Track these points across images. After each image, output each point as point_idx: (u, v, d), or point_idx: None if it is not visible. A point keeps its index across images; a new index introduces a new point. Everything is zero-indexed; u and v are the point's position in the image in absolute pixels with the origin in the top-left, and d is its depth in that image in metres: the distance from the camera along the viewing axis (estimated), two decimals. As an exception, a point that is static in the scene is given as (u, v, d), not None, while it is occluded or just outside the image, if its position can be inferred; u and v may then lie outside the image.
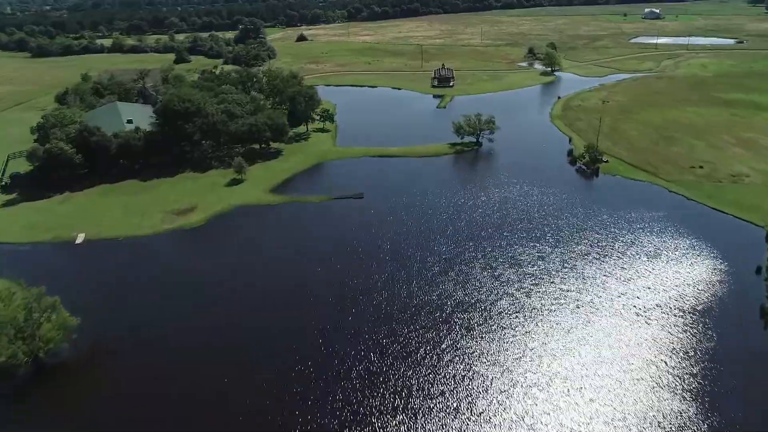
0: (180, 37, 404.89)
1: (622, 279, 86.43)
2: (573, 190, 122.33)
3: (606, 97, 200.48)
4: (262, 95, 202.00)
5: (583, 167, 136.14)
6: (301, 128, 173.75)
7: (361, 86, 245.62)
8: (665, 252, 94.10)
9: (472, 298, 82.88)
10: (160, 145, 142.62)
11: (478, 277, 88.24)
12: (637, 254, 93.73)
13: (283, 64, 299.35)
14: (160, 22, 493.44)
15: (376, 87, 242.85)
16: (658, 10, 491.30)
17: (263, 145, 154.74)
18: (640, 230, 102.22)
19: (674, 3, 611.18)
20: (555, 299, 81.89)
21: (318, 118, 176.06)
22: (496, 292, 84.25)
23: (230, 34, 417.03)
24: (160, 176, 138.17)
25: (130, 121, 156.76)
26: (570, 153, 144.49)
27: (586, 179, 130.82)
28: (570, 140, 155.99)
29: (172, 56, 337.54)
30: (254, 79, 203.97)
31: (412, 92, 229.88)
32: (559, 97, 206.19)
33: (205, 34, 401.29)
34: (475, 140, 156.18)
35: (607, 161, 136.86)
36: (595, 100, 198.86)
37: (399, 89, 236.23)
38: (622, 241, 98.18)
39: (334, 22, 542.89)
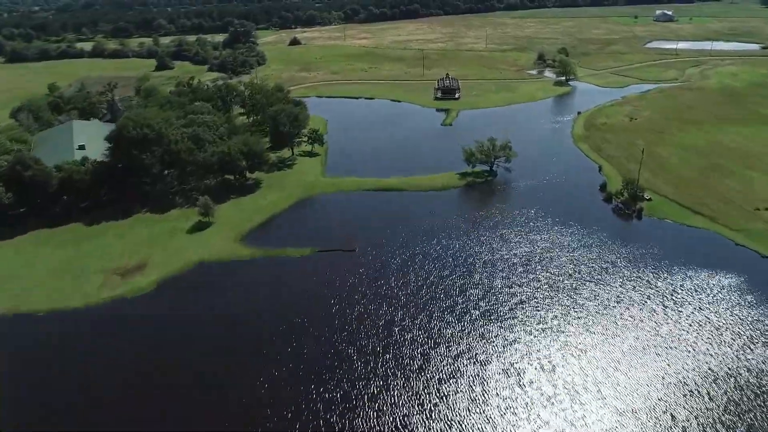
0: (165, 40, 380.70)
1: (708, 399, 62.61)
2: (613, 240, 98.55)
3: (633, 113, 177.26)
4: (242, 110, 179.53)
5: (621, 206, 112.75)
6: (286, 152, 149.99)
7: (357, 98, 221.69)
8: (753, 345, 70.45)
9: (496, 430, 59.36)
10: (113, 179, 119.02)
11: (500, 390, 64.58)
12: (716, 346, 70.13)
13: (272, 72, 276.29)
14: (147, 24, 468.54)
15: (373, 99, 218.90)
16: (670, 12, 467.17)
17: (239, 176, 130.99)
18: (710, 305, 78.67)
19: (681, 4, 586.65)
20: None
21: (305, 139, 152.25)
22: (527, 418, 60.57)
23: (220, 37, 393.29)
24: (110, 218, 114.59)
25: (81, 147, 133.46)
26: (603, 187, 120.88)
27: (627, 223, 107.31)
28: (600, 169, 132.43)
29: (154, 62, 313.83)
30: (234, 93, 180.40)
31: (413, 105, 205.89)
32: (579, 113, 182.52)
33: (192, 38, 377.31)
34: (488, 169, 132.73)
35: (649, 199, 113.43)
36: (620, 116, 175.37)
37: (398, 102, 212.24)
38: (691, 325, 74.52)
39: (331, 24, 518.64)
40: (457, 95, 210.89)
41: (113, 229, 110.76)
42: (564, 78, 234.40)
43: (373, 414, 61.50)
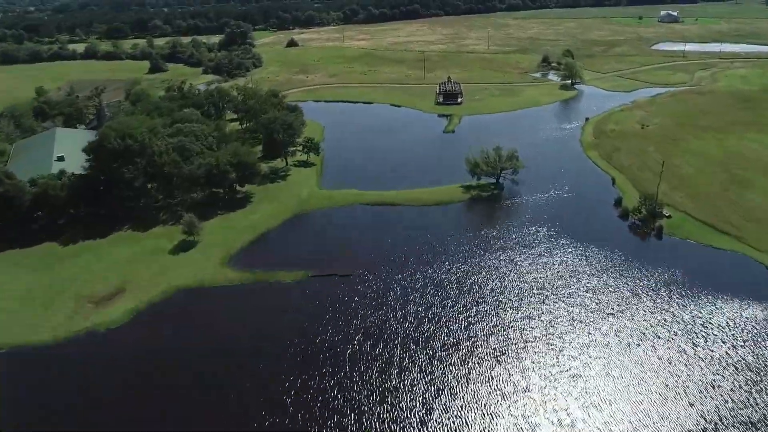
0: (160, 41, 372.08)
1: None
2: (632, 265, 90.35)
3: (644, 119, 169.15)
4: (235, 115, 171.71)
5: (639, 223, 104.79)
6: (279, 162, 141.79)
7: (355, 102, 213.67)
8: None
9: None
10: (91, 193, 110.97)
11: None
12: (757, 394, 62.12)
13: (268, 75, 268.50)
14: (143, 25, 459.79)
15: (372, 103, 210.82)
16: (675, 13, 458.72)
17: (228, 189, 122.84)
18: (744, 344, 70.68)
19: (685, 5, 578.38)
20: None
21: (300, 148, 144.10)
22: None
23: (217, 38, 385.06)
24: (88, 236, 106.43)
25: (60, 158, 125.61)
26: (618, 202, 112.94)
27: (646, 243, 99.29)
28: (613, 181, 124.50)
29: (148, 64, 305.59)
30: (227, 98, 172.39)
31: (414, 110, 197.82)
32: (587, 119, 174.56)
33: (187, 39, 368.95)
34: (494, 181, 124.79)
35: (669, 216, 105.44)
36: (631, 122, 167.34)
37: (399, 106, 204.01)
38: (726, 368, 66.48)
39: (329, 25, 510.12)
40: (459, 100, 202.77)
41: (91, 248, 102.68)
42: (570, 81, 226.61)
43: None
